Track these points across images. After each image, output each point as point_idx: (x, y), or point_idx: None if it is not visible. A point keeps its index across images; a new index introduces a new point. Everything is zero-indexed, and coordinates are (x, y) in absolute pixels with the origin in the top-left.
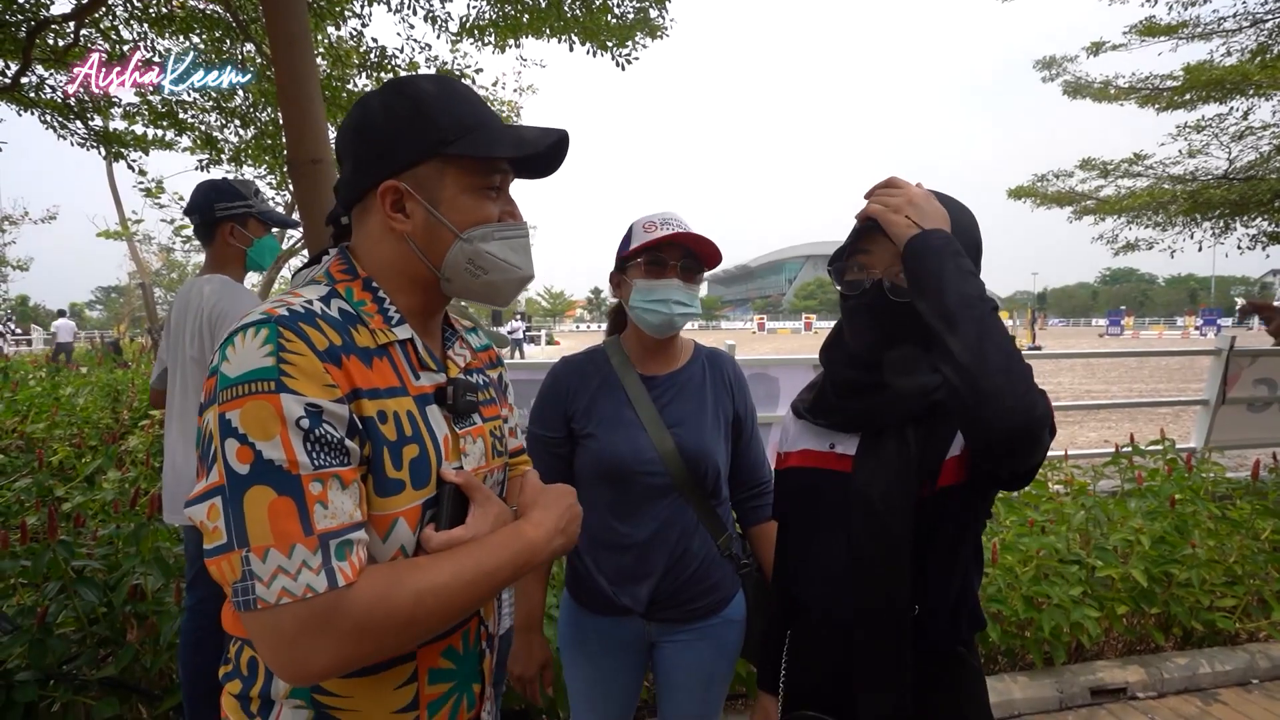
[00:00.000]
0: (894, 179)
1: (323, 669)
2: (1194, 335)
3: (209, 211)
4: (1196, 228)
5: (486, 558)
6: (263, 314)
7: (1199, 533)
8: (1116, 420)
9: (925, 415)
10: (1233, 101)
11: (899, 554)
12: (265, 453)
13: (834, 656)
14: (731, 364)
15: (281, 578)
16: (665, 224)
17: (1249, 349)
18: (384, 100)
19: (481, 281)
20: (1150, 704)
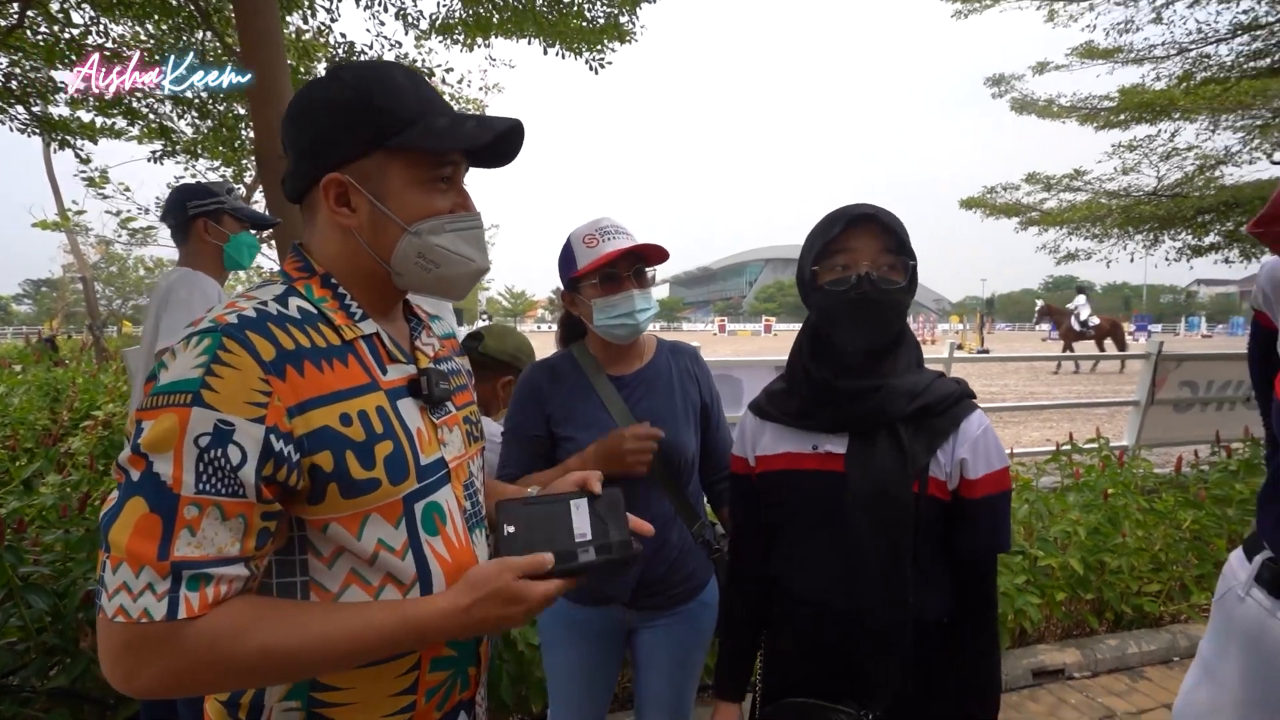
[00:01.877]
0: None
1: (147, 688)
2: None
3: (181, 210)
4: (1129, 240)
5: (358, 625)
6: (211, 321)
7: (1129, 524)
8: (1058, 420)
9: (914, 415)
10: (1161, 124)
11: (901, 547)
12: (155, 465)
13: (827, 648)
14: (693, 354)
15: (122, 595)
16: (604, 234)
17: (1175, 354)
18: (323, 90)
19: (434, 275)
20: (1085, 683)
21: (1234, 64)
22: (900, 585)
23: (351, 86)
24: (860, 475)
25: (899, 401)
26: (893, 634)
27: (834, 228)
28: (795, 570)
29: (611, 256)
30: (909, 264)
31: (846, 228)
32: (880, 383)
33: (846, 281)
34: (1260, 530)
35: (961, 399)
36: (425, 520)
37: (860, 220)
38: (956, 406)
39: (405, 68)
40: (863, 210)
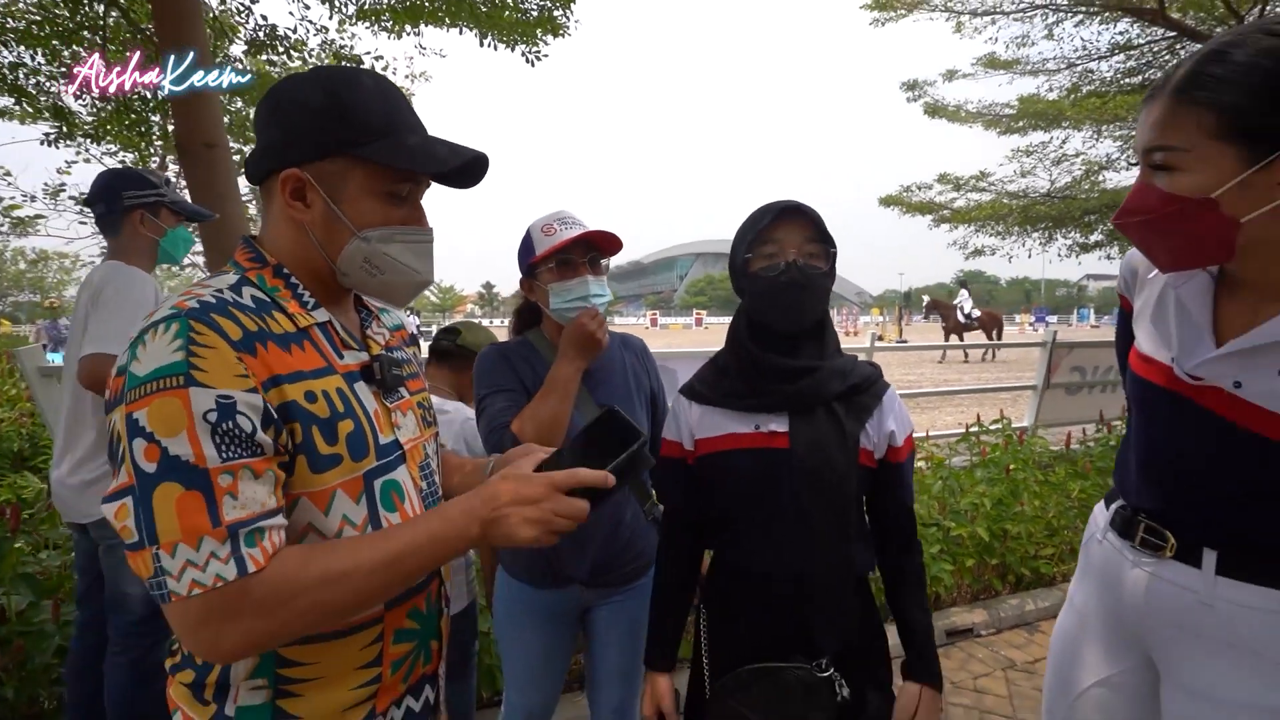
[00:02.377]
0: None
1: (237, 650)
2: (1028, 330)
3: (116, 200)
4: (1027, 237)
5: (399, 540)
6: (172, 309)
7: (1027, 495)
8: (969, 405)
9: (846, 393)
10: (1053, 131)
11: (844, 511)
12: (171, 449)
13: (776, 612)
14: (641, 346)
15: (191, 570)
16: (563, 223)
17: (1067, 342)
18: (301, 88)
19: (378, 280)
20: (991, 639)
21: (1113, 79)
22: (844, 544)
23: (325, 91)
24: (805, 448)
25: (833, 381)
26: (838, 589)
27: (764, 219)
28: (742, 543)
29: (566, 242)
30: (830, 251)
31: (775, 220)
32: (818, 364)
33: (776, 268)
34: (1116, 481)
35: (879, 379)
36: (384, 497)
37: (787, 213)
38: (876, 385)
39: (383, 79)
40: (789, 204)
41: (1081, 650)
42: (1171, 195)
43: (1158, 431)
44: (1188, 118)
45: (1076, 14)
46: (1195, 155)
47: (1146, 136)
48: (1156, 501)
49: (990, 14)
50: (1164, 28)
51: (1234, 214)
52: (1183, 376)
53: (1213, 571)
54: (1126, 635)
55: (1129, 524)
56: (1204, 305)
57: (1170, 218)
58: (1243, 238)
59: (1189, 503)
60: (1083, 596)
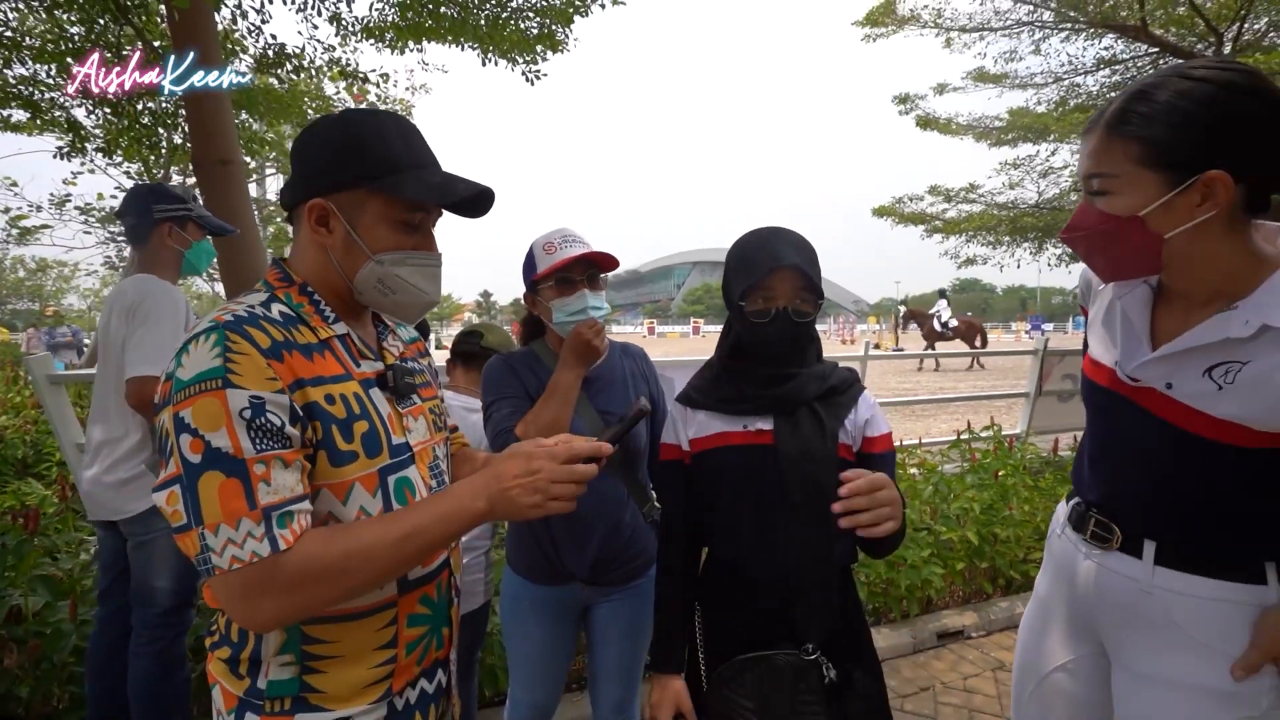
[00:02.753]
0: (864, 493)
1: (271, 619)
2: (1024, 338)
3: (146, 213)
4: (1017, 247)
5: (412, 518)
6: (211, 322)
7: (1016, 500)
8: (963, 412)
9: (824, 394)
10: (1041, 144)
11: (827, 496)
12: (214, 442)
13: (763, 602)
14: (643, 355)
15: (231, 548)
16: (564, 242)
17: (1058, 349)
18: (328, 128)
19: (389, 300)
20: (981, 641)
21: (1099, 94)
22: (827, 533)
23: (347, 131)
24: (789, 443)
25: (812, 384)
26: (821, 577)
27: (761, 273)
28: (733, 535)
29: (566, 261)
30: (818, 301)
31: (770, 274)
32: (798, 371)
33: (768, 314)
34: (1073, 479)
35: (856, 382)
36: (397, 492)
37: (780, 267)
38: (853, 388)
39: (402, 120)
40: (783, 259)
41: (1044, 638)
42: (1106, 214)
43: (1104, 429)
44: (1118, 149)
45: (1062, 30)
46: (1125, 181)
47: (1085, 165)
48: (1104, 495)
49: (979, 30)
50: (1147, 44)
51: (1159, 231)
52: (1124, 378)
53: (1151, 561)
54: (1081, 623)
55: (1082, 518)
56: (1143, 313)
57: (1105, 234)
58: (1168, 252)
59: (1130, 496)
60: (1045, 588)
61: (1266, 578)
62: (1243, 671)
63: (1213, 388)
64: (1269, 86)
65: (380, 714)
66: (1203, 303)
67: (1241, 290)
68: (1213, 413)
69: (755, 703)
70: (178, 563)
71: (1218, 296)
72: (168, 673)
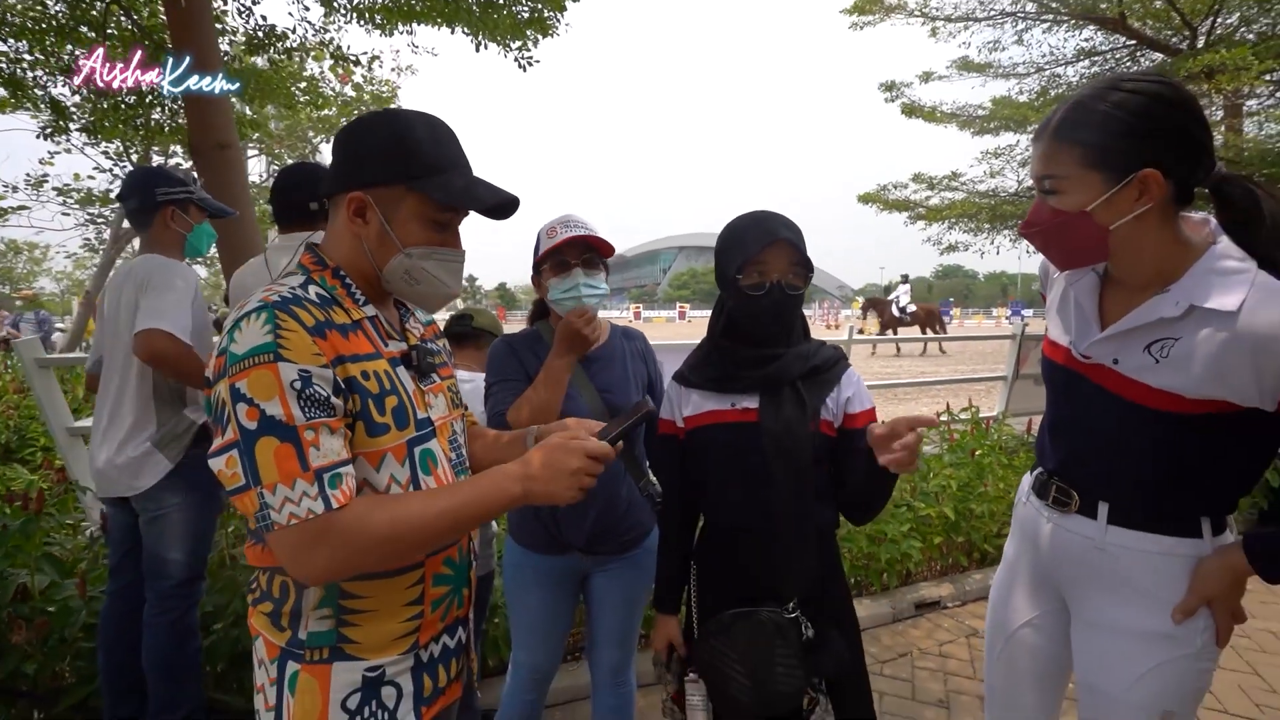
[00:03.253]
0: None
1: (324, 571)
2: (1004, 323)
3: (149, 196)
4: (998, 234)
5: (455, 496)
6: (260, 301)
7: (991, 477)
8: (945, 395)
9: (808, 374)
10: (1021, 134)
11: (804, 472)
12: (268, 410)
13: (749, 561)
14: (642, 338)
15: (289, 505)
16: (565, 226)
17: (1035, 334)
18: (374, 126)
19: (414, 290)
20: (956, 610)
21: (1079, 84)
22: (805, 501)
23: (392, 131)
24: (772, 420)
25: (796, 364)
26: (799, 541)
27: (754, 247)
28: (722, 504)
29: (562, 243)
30: (808, 273)
31: (765, 248)
32: (783, 351)
33: (762, 288)
34: (1036, 451)
35: (840, 360)
36: (422, 463)
37: (774, 241)
38: (837, 366)
39: (440, 123)
40: (779, 234)
41: (1011, 597)
42: (1058, 210)
43: (1062, 402)
44: (1065, 153)
45: (1045, 21)
46: (1072, 180)
47: (1037, 168)
48: (1062, 463)
49: (964, 20)
50: (1125, 36)
51: (1104, 223)
52: (1078, 356)
53: (1105, 521)
54: (1044, 582)
55: (1044, 486)
56: (1092, 299)
57: (1058, 228)
58: (1113, 242)
59: (1085, 463)
60: (1013, 551)
61: (1201, 531)
62: (1181, 615)
63: (1151, 362)
64: (1189, 97)
65: (408, 664)
66: (1141, 287)
67: (1172, 275)
68: (1153, 384)
69: (738, 653)
70: (189, 536)
71: (1154, 281)
72: (182, 642)
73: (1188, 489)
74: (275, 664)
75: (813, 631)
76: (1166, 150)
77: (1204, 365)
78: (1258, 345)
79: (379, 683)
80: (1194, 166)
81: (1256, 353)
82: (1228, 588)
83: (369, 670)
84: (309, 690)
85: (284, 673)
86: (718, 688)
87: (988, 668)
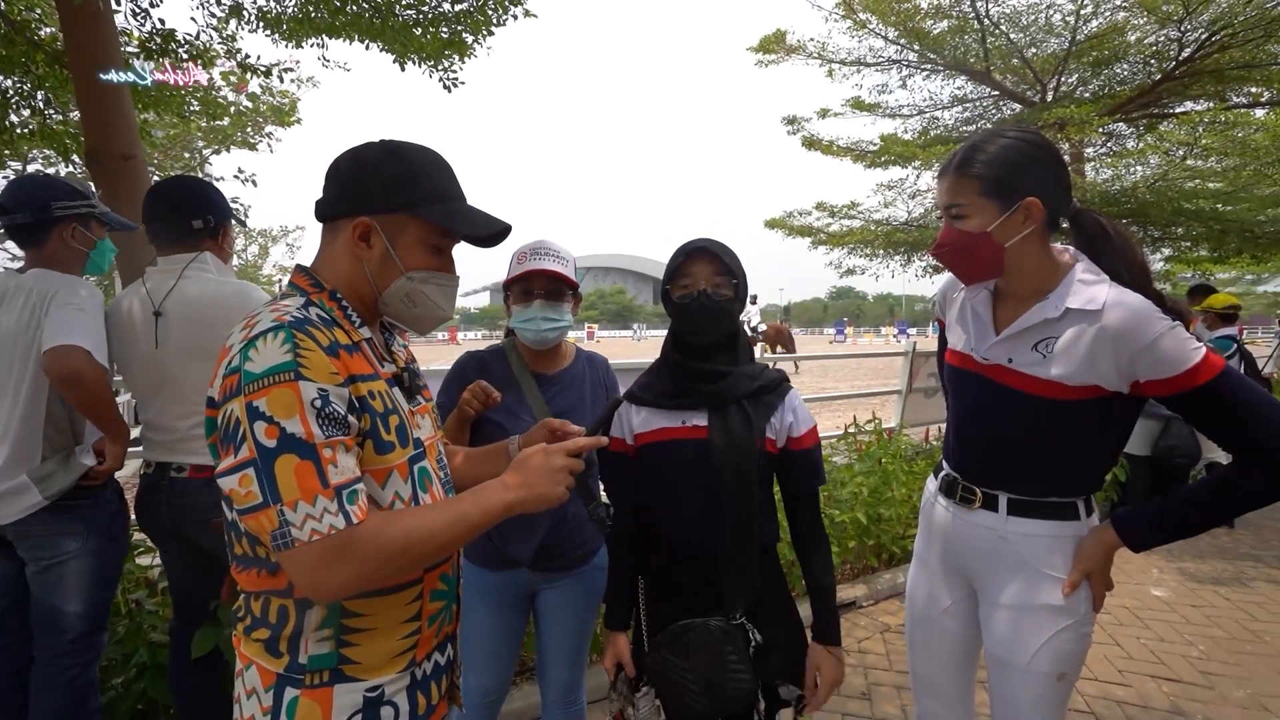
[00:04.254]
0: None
1: (343, 586)
2: (892, 341)
3: (44, 210)
4: (890, 259)
5: (458, 507)
6: (274, 321)
7: (896, 483)
8: (846, 409)
9: (754, 393)
10: (909, 168)
11: (750, 485)
12: (288, 429)
13: (692, 572)
14: (605, 364)
15: (310, 521)
16: (535, 254)
17: (925, 351)
18: (383, 155)
19: (411, 312)
20: (870, 609)
21: (954, 127)
22: (750, 516)
23: (398, 161)
24: (720, 436)
25: (743, 383)
26: (745, 555)
27: (679, 258)
28: (671, 517)
29: (526, 273)
30: (733, 282)
31: (688, 257)
32: (730, 369)
33: (689, 296)
34: (943, 454)
35: (784, 383)
36: (420, 480)
37: (696, 252)
38: (780, 387)
39: (439, 156)
40: (698, 245)
41: (927, 589)
42: (964, 232)
43: (965, 402)
44: (966, 185)
45: (924, 69)
46: (974, 207)
47: (944, 199)
48: (967, 462)
49: (856, 64)
50: (990, 87)
51: (1000, 242)
52: (979, 359)
53: (1005, 512)
54: (954, 572)
55: (951, 485)
56: (987, 309)
57: (964, 246)
58: (1008, 259)
59: (985, 457)
60: (924, 548)
61: (1079, 515)
62: (1069, 587)
63: (1040, 357)
64: (1053, 144)
65: (405, 683)
66: (1026, 298)
67: (1049, 287)
68: (1041, 375)
69: (691, 662)
70: (92, 584)
71: (1035, 292)
72: (80, 700)
73: (1066, 475)
74: (270, 691)
75: (760, 637)
76: (1042, 184)
77: (1080, 355)
78: (1117, 334)
79: (379, 703)
80: (1061, 199)
81: (1116, 339)
82: (1103, 561)
83: (369, 691)
84: (310, 715)
85: (281, 700)
86: (672, 697)
87: (910, 656)
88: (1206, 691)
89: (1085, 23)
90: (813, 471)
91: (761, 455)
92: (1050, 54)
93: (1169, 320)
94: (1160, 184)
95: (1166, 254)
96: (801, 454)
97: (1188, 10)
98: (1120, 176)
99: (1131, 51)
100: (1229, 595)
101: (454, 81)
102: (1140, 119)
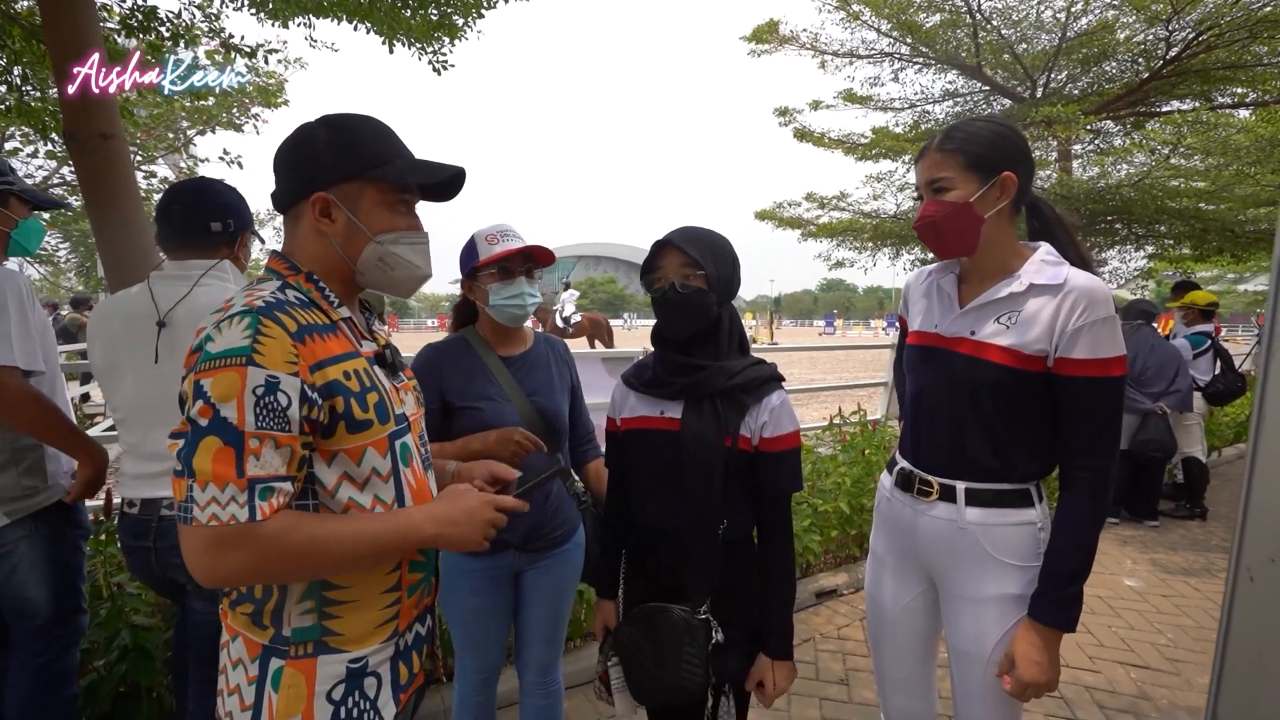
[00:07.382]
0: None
1: (227, 575)
2: (881, 334)
3: None
4: (879, 252)
5: (372, 527)
6: (244, 306)
7: (878, 473)
8: (834, 400)
9: (728, 390)
10: (899, 162)
11: (714, 480)
12: (221, 411)
13: (660, 559)
14: (564, 346)
15: (213, 506)
16: (504, 236)
17: None
18: (322, 130)
19: (389, 276)
20: (851, 597)
21: (944, 121)
22: (712, 511)
23: (334, 132)
24: (689, 431)
25: (718, 379)
26: (705, 548)
27: (651, 252)
28: (642, 505)
29: (509, 253)
30: (703, 273)
31: (656, 252)
32: (707, 364)
33: (661, 290)
34: (899, 449)
35: (768, 381)
36: (401, 454)
37: (664, 246)
38: (762, 387)
39: (376, 120)
40: (666, 239)
41: (887, 586)
42: (947, 203)
43: (924, 381)
44: (950, 160)
45: (916, 63)
46: (957, 180)
47: (927, 174)
48: (922, 451)
49: (849, 56)
50: (981, 82)
51: (980, 213)
52: (944, 334)
53: (963, 503)
54: (913, 566)
55: (908, 480)
56: (953, 287)
57: (948, 216)
58: (983, 234)
59: (942, 441)
60: (881, 545)
61: (1033, 501)
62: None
63: (1001, 328)
64: (1020, 130)
65: (389, 653)
66: (990, 276)
67: (1014, 266)
68: (999, 343)
69: (651, 643)
70: (49, 569)
71: (1000, 272)
72: (52, 687)
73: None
74: (256, 662)
75: (722, 636)
76: (1016, 162)
77: (1040, 325)
78: (1074, 304)
79: (362, 673)
80: (1028, 180)
81: (1073, 308)
82: (1047, 663)
83: (352, 662)
84: (294, 684)
85: (266, 669)
86: (628, 670)
87: (877, 657)
88: (1172, 678)
89: (1076, 20)
90: (785, 476)
91: (733, 453)
92: (1041, 50)
93: (1114, 310)
94: (1145, 182)
95: (1149, 251)
96: (771, 456)
97: (1175, 9)
98: (1106, 174)
99: (1120, 49)
100: (1198, 586)
101: (444, 64)
102: (1128, 117)
